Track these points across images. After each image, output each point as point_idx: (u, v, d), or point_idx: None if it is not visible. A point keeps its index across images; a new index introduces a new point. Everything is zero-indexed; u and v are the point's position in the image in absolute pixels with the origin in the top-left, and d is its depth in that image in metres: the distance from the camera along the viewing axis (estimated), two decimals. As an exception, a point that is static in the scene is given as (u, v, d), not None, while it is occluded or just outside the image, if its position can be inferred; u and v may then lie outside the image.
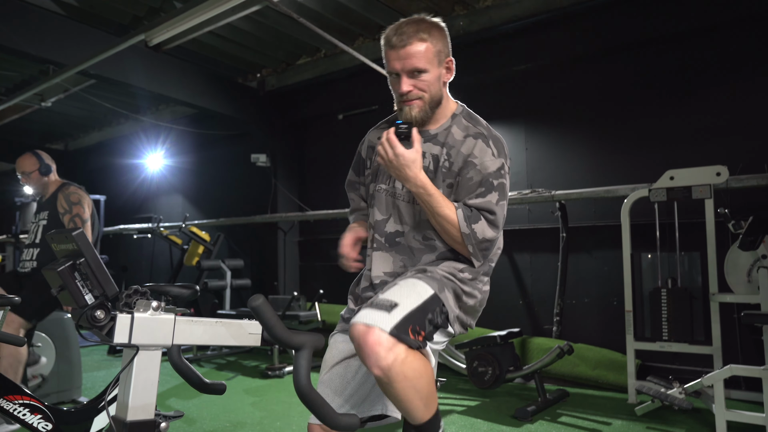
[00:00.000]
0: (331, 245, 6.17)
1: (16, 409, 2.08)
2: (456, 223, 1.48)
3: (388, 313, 1.33)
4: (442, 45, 1.56)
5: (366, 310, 1.36)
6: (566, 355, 3.48)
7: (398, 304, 1.36)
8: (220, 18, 3.88)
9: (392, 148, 1.49)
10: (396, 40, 1.51)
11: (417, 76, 1.52)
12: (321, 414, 1.14)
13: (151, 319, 1.14)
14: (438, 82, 1.57)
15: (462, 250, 1.52)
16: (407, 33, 1.51)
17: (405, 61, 1.51)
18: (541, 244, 4.68)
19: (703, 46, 4.07)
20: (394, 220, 1.62)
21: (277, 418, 3.34)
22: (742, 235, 2.99)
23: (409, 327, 1.34)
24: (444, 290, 1.48)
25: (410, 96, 1.54)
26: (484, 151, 1.54)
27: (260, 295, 1.13)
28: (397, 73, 1.54)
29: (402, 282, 1.48)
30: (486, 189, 1.51)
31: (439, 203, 1.49)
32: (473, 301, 1.58)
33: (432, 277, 1.48)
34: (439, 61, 1.55)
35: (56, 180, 3.40)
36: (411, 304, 1.38)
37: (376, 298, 1.40)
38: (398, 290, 1.43)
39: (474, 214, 1.49)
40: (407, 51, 1.50)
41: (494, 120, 4.83)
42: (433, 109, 1.59)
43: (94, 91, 6.43)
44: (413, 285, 1.45)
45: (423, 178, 1.49)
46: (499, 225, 1.51)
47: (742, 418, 2.82)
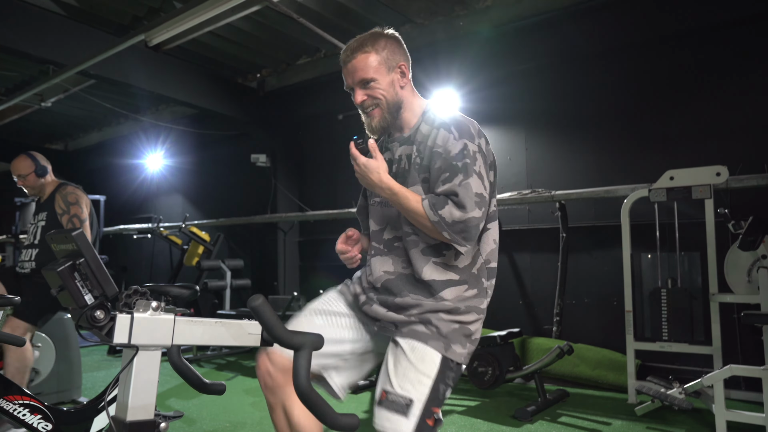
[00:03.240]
0: (331, 245, 6.12)
1: (16, 409, 2.08)
2: (424, 213, 1.50)
3: (405, 416, 1.43)
4: (388, 52, 1.61)
5: (383, 413, 1.45)
6: (566, 355, 3.48)
7: (413, 400, 1.44)
8: (220, 18, 3.88)
9: (355, 160, 1.57)
10: (343, 56, 1.63)
11: (367, 86, 1.60)
12: (321, 414, 1.13)
13: (151, 319, 1.14)
14: (392, 87, 1.62)
15: (441, 238, 1.52)
16: (351, 48, 1.61)
17: (353, 74, 1.61)
18: (541, 244, 4.68)
19: (703, 46, 4.07)
20: (390, 228, 1.67)
21: (277, 418, 3.34)
22: (742, 235, 2.99)
23: (426, 419, 1.45)
24: (451, 346, 1.53)
25: (365, 106, 1.62)
26: (445, 137, 1.55)
27: (260, 295, 1.13)
28: (352, 87, 1.64)
29: (409, 352, 1.51)
30: (450, 173, 1.51)
31: (406, 199, 1.52)
32: (479, 324, 1.62)
33: (437, 333, 1.52)
34: (388, 68, 1.61)
35: (53, 180, 3.38)
36: (424, 392, 1.46)
37: (390, 394, 1.47)
38: (407, 374, 1.48)
39: (440, 199, 1.50)
40: (353, 65, 1.60)
41: (494, 120, 4.87)
42: (393, 114, 1.64)
43: (94, 91, 6.43)
44: (421, 360, 1.49)
45: (386, 180, 1.54)
46: (465, 204, 1.47)
47: (742, 418, 2.82)
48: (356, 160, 1.57)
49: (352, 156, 1.58)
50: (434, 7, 4.82)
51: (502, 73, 4.90)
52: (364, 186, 1.67)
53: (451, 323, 1.55)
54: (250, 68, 6.34)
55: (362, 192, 1.89)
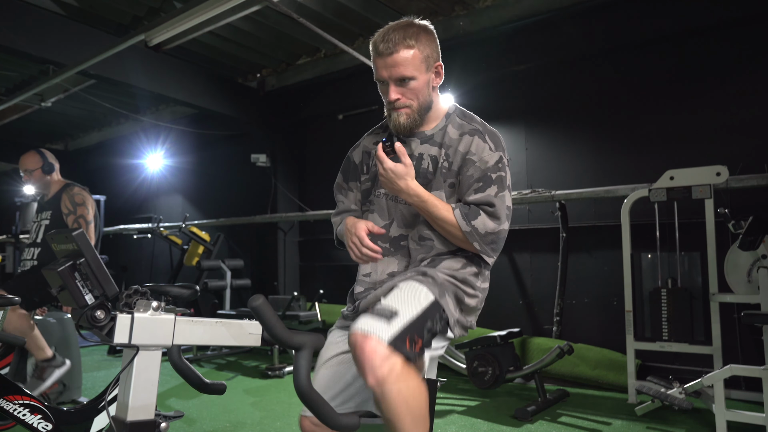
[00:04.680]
0: (331, 245, 6.15)
1: (16, 409, 2.08)
2: (455, 223, 1.48)
3: (387, 323, 1.32)
4: (430, 50, 1.53)
5: (366, 318, 1.34)
6: (566, 355, 3.48)
7: (398, 312, 1.35)
8: (220, 18, 3.88)
9: (381, 164, 1.50)
10: (383, 47, 1.49)
11: (405, 83, 1.51)
12: (321, 414, 1.14)
13: (151, 319, 1.14)
14: (427, 87, 1.54)
15: (469, 248, 1.51)
16: (393, 40, 1.48)
17: (392, 69, 1.49)
18: (541, 244, 4.68)
19: (703, 46, 4.07)
20: (397, 224, 1.61)
21: (277, 418, 3.34)
22: (742, 235, 2.99)
23: (407, 336, 1.34)
24: (445, 295, 1.48)
25: (398, 104, 1.53)
26: (481, 146, 1.53)
27: (260, 295, 1.13)
28: (385, 81, 1.53)
29: (403, 285, 1.47)
30: (484, 183, 1.50)
31: (435, 207, 1.49)
32: (475, 301, 1.58)
33: (433, 282, 1.48)
34: (427, 66, 1.53)
35: (59, 180, 3.40)
36: (411, 312, 1.38)
37: (377, 305, 1.40)
38: (399, 296, 1.42)
39: (473, 210, 1.48)
40: (394, 59, 1.48)
41: (494, 120, 4.85)
42: (422, 115, 1.57)
43: (94, 91, 6.43)
44: (414, 290, 1.44)
45: (414, 187, 1.49)
46: (500, 216, 1.49)
47: (742, 418, 2.82)
48: (383, 164, 1.49)
49: (378, 159, 1.51)
50: (434, 7, 4.82)
51: (502, 73, 4.90)
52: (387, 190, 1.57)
53: (447, 279, 1.51)
54: (250, 68, 6.34)
55: (341, 169, 1.79)
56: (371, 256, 1.56)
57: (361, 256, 1.58)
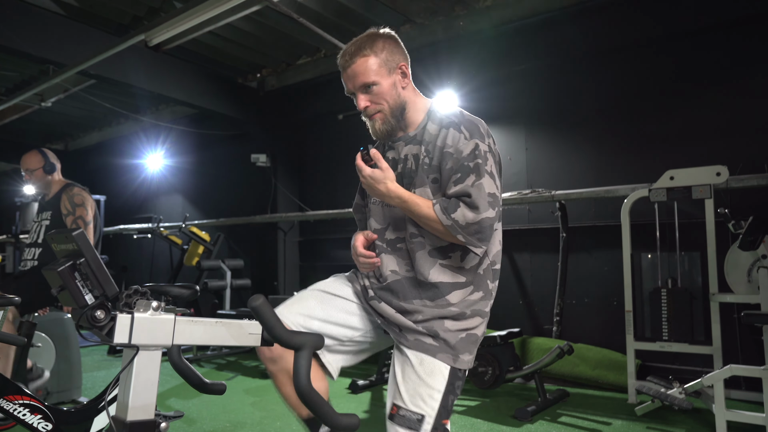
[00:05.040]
0: (331, 245, 6.18)
1: (16, 409, 2.08)
2: (436, 218, 1.48)
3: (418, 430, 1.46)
4: (387, 54, 1.58)
5: (396, 429, 1.47)
6: (566, 355, 3.48)
7: (424, 416, 1.46)
8: (220, 18, 3.88)
9: (361, 171, 1.55)
10: (342, 61, 1.59)
11: (369, 90, 1.58)
12: (321, 414, 1.13)
13: (151, 319, 1.14)
14: (394, 89, 1.59)
15: (456, 241, 1.51)
16: (349, 52, 1.58)
17: (354, 79, 1.58)
18: (541, 244, 4.68)
19: (702, 46, 4.07)
20: (392, 228, 1.65)
21: (277, 418, 3.34)
22: (742, 235, 2.99)
23: (437, 430, 1.47)
24: (458, 356, 1.53)
25: (368, 111, 1.60)
26: (456, 138, 1.54)
27: (260, 295, 1.13)
28: (353, 92, 1.61)
29: (417, 366, 1.51)
30: (462, 174, 1.50)
31: (417, 205, 1.51)
32: (484, 326, 1.62)
33: (446, 345, 1.52)
34: (389, 69, 1.58)
35: (60, 180, 3.40)
36: (434, 406, 1.47)
37: (401, 409, 1.48)
38: (417, 389, 1.49)
39: (452, 202, 1.48)
40: (353, 69, 1.57)
41: (494, 120, 4.86)
42: (397, 117, 1.61)
43: (94, 91, 6.43)
44: (430, 374, 1.50)
45: (394, 189, 1.53)
46: (479, 205, 1.45)
47: (742, 418, 2.82)
48: (362, 171, 1.55)
49: (357, 167, 1.57)
50: (434, 7, 4.82)
51: (502, 73, 4.90)
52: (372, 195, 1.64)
53: (458, 333, 1.54)
54: (250, 68, 6.34)
55: (359, 190, 1.86)
56: (370, 262, 1.65)
57: (361, 265, 1.67)
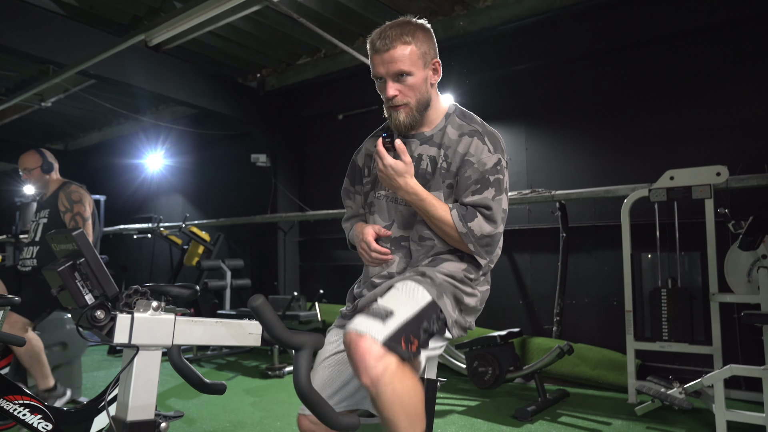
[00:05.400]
0: (331, 245, 6.18)
1: (16, 409, 2.08)
2: (452, 223, 1.48)
3: (382, 323, 1.32)
4: (427, 47, 1.54)
5: (361, 318, 1.34)
6: (566, 355, 3.48)
7: (393, 312, 1.35)
8: (220, 18, 3.88)
9: (381, 159, 1.50)
10: (380, 44, 1.51)
11: (402, 79, 1.51)
12: (321, 414, 1.14)
13: (151, 319, 1.14)
14: (425, 84, 1.55)
15: (464, 249, 1.52)
16: (390, 36, 1.50)
17: (389, 65, 1.50)
18: (541, 244, 4.68)
19: (702, 46, 4.07)
20: (398, 225, 1.62)
21: (277, 418, 3.34)
22: (742, 235, 2.99)
23: (402, 337, 1.33)
24: (443, 296, 1.48)
25: (396, 101, 1.53)
26: (480, 148, 1.53)
27: (260, 295, 1.13)
28: (383, 78, 1.53)
29: (400, 285, 1.47)
30: (482, 185, 1.50)
31: (433, 206, 1.50)
32: (474, 301, 1.58)
33: (431, 282, 1.48)
34: (424, 63, 1.53)
35: (58, 179, 3.41)
36: (407, 312, 1.38)
37: (373, 305, 1.40)
38: (395, 296, 1.42)
39: (470, 211, 1.48)
40: (391, 54, 1.50)
41: (494, 120, 4.85)
42: (421, 112, 1.57)
43: (94, 91, 6.43)
44: (412, 290, 1.44)
45: (413, 185, 1.50)
46: (496, 220, 1.49)
47: (742, 418, 2.82)
48: (383, 159, 1.50)
49: (378, 154, 1.51)
50: (434, 7, 4.82)
51: (502, 73, 4.90)
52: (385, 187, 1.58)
53: (445, 279, 1.51)
54: (250, 68, 6.34)
55: (347, 173, 1.81)
56: (381, 259, 1.59)
57: (372, 260, 1.60)
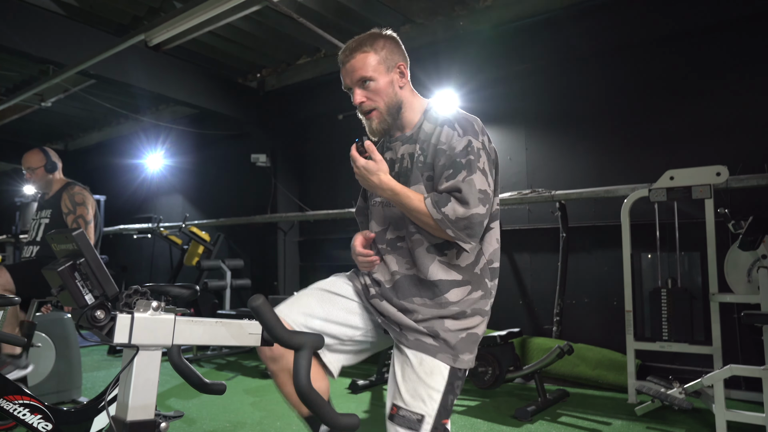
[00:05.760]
0: (331, 245, 6.18)
1: (16, 409, 2.08)
2: (426, 211, 1.49)
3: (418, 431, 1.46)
4: (387, 52, 1.61)
5: (396, 429, 1.47)
6: (566, 355, 3.48)
7: (423, 416, 1.46)
8: (220, 18, 3.88)
9: (355, 162, 1.56)
10: (342, 57, 1.62)
11: (366, 85, 1.60)
12: (321, 414, 1.14)
13: (151, 319, 1.14)
14: (391, 87, 1.61)
15: (445, 236, 1.51)
16: (349, 48, 1.61)
17: (352, 74, 1.60)
18: (541, 244, 4.68)
19: (703, 46, 4.07)
20: (392, 227, 1.65)
21: (277, 418, 3.34)
22: (742, 235, 2.99)
23: (437, 429, 1.47)
24: (459, 356, 1.53)
25: (364, 107, 1.62)
26: (449, 134, 1.55)
27: (260, 295, 1.13)
28: (351, 88, 1.63)
29: (417, 365, 1.51)
30: (454, 170, 1.50)
31: (408, 198, 1.52)
32: (485, 325, 1.63)
33: (446, 345, 1.52)
34: (387, 67, 1.60)
35: (61, 179, 3.40)
36: (434, 406, 1.47)
37: (402, 409, 1.48)
38: (417, 389, 1.49)
39: (443, 197, 1.49)
40: (352, 64, 1.60)
41: (495, 120, 4.87)
42: (393, 115, 1.63)
43: (94, 91, 6.43)
44: (429, 375, 1.50)
45: (386, 181, 1.54)
46: (469, 200, 1.45)
47: (742, 418, 2.82)
48: (355, 162, 1.56)
49: (351, 158, 1.58)
50: (434, 7, 4.82)
51: (502, 73, 4.90)
52: (364, 188, 1.66)
53: (459, 332, 1.55)
54: (250, 68, 6.34)
55: (361, 193, 1.88)
56: (369, 261, 1.65)
57: (360, 264, 1.68)
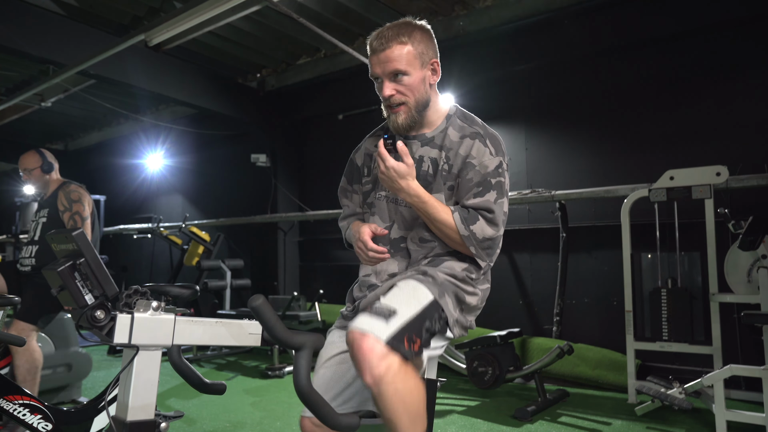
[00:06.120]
0: (331, 245, 6.18)
1: (16, 409, 2.08)
2: (454, 226, 1.48)
3: (385, 322, 1.32)
4: (424, 47, 1.54)
5: (364, 317, 1.34)
6: (566, 355, 3.48)
7: (396, 311, 1.35)
8: (220, 18, 3.88)
9: (383, 161, 1.49)
10: (377, 44, 1.52)
11: (398, 79, 1.51)
12: (321, 414, 1.14)
13: (151, 319, 1.14)
14: (422, 84, 1.54)
15: (465, 251, 1.52)
16: (387, 36, 1.51)
17: (385, 64, 1.51)
18: (541, 244, 4.68)
19: (703, 46, 4.07)
20: (398, 227, 1.61)
21: (277, 418, 3.34)
22: (742, 235, 2.99)
23: (405, 336, 1.33)
24: (444, 295, 1.48)
25: (393, 101, 1.53)
26: (481, 150, 1.53)
27: (260, 295, 1.13)
28: (380, 78, 1.53)
29: (402, 284, 1.47)
30: (484, 188, 1.50)
31: (435, 209, 1.49)
32: (475, 300, 1.58)
33: (433, 281, 1.47)
34: (422, 63, 1.53)
35: (57, 179, 3.41)
36: (409, 311, 1.37)
37: (376, 304, 1.39)
38: (397, 294, 1.42)
39: (472, 214, 1.48)
40: (387, 54, 1.50)
41: (494, 120, 4.86)
42: (420, 113, 1.56)
43: (94, 91, 6.43)
44: (413, 289, 1.44)
45: (415, 187, 1.49)
46: (498, 223, 1.50)
47: (742, 418, 2.82)
48: (385, 161, 1.48)
49: (380, 156, 1.50)
50: (434, 7, 4.82)
51: (502, 73, 4.90)
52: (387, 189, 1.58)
53: (447, 278, 1.51)
54: (250, 68, 6.34)
55: (345, 173, 1.79)
56: (378, 258, 1.58)
57: (369, 259, 1.60)
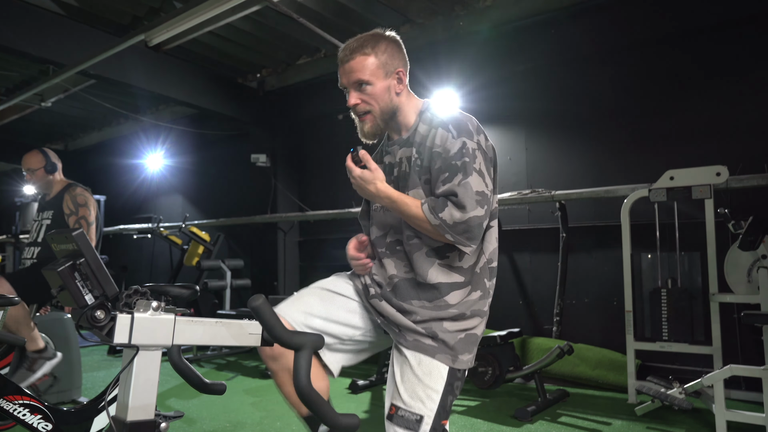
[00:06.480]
0: (331, 245, 6.18)
1: (16, 409, 2.08)
2: (424, 217, 1.48)
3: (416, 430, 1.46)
4: (387, 57, 1.59)
5: (394, 429, 1.47)
6: (566, 355, 3.48)
7: (422, 416, 1.46)
8: (220, 18, 3.88)
9: (351, 172, 1.56)
10: (342, 55, 1.60)
11: (362, 88, 1.58)
12: (321, 414, 1.14)
13: (151, 319, 1.14)
14: (387, 93, 1.59)
15: (444, 240, 1.51)
16: (351, 48, 1.58)
17: (350, 74, 1.58)
18: (541, 244, 4.68)
19: (702, 46, 4.07)
20: (392, 233, 1.65)
21: (277, 418, 3.34)
22: (742, 235, 3.00)
23: (435, 429, 1.47)
24: (458, 357, 1.53)
25: (358, 110, 1.61)
26: (444, 137, 1.53)
27: (260, 295, 1.13)
28: (346, 88, 1.62)
29: (416, 365, 1.51)
30: (450, 173, 1.49)
31: (405, 205, 1.51)
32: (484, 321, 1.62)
33: (444, 345, 1.52)
34: (386, 72, 1.58)
35: (61, 179, 3.40)
36: (433, 406, 1.47)
37: (400, 409, 1.48)
38: (415, 389, 1.49)
39: (440, 202, 1.47)
40: (351, 65, 1.57)
41: (495, 120, 4.87)
42: (387, 121, 1.63)
43: (94, 91, 6.43)
44: (428, 375, 1.49)
45: (384, 189, 1.53)
46: (465, 204, 1.44)
47: (742, 418, 2.82)
48: (351, 172, 1.56)
49: (347, 168, 1.57)
50: (434, 7, 4.82)
51: (502, 73, 4.90)
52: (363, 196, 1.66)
53: (457, 333, 1.54)
54: (250, 68, 6.34)
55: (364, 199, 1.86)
56: (361, 264, 1.67)
57: (356, 268, 1.70)
